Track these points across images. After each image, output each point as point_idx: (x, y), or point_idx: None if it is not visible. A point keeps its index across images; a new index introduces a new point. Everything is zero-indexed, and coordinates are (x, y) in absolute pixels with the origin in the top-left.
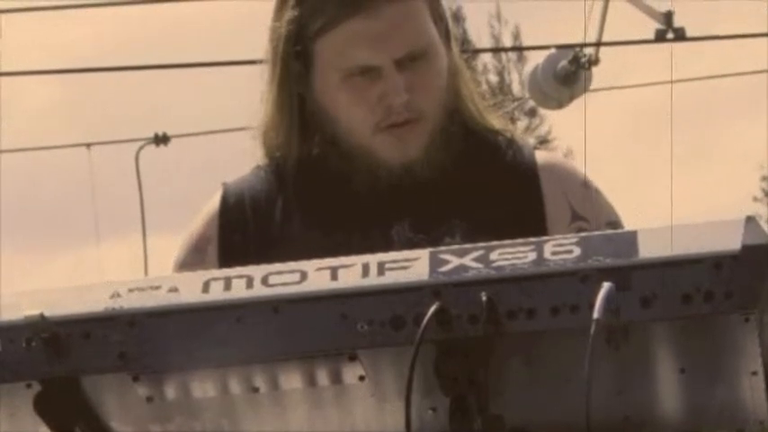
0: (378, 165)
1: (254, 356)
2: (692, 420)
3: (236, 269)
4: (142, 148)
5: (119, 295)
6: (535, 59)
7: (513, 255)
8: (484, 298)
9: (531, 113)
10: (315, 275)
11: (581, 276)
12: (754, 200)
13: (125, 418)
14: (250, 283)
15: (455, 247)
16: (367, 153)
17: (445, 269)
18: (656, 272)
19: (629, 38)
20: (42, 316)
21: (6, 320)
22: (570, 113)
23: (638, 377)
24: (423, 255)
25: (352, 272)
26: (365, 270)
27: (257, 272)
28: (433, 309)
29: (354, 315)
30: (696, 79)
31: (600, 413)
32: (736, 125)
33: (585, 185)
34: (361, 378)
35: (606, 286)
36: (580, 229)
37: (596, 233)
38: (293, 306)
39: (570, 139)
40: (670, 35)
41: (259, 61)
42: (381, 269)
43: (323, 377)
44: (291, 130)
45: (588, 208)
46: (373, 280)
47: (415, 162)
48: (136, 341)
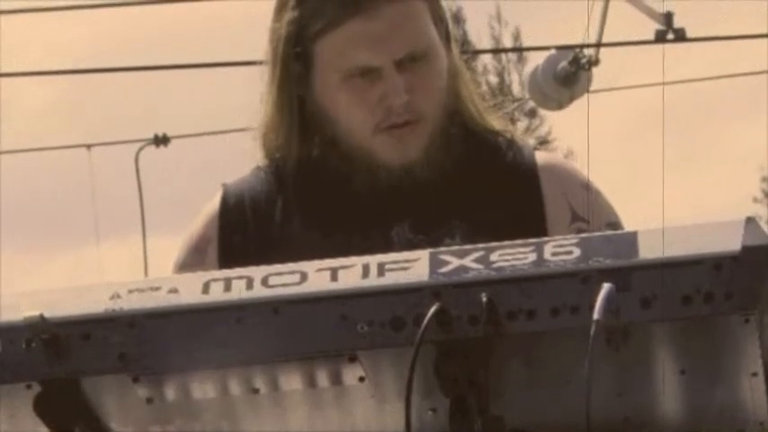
0: (378, 166)
1: (254, 357)
2: (692, 421)
3: (236, 270)
4: (142, 148)
5: (119, 296)
6: (535, 60)
7: (513, 256)
8: (484, 299)
9: (531, 114)
10: (315, 276)
11: (581, 277)
12: (754, 201)
13: (125, 419)
14: (250, 284)
15: (455, 248)
16: (367, 154)
17: (445, 270)
18: (657, 273)
19: (629, 39)
20: (42, 317)
21: (6, 321)
22: (570, 114)
23: (638, 378)
24: (423, 256)
25: (352, 273)
26: (365, 271)
27: (257, 273)
28: (433, 310)
29: (354, 316)
30: (696, 80)
31: (600, 414)
32: (737, 126)
33: (585, 186)
34: (361, 379)
35: (606, 287)
36: (580, 230)
37: (596, 234)
38: (293, 307)
39: (570, 139)
40: (670, 36)
41: (259, 62)
42: (381, 270)
43: (323, 378)
44: (291, 131)
45: (588, 209)
46: (373, 281)
47: (414, 163)
48: (136, 342)
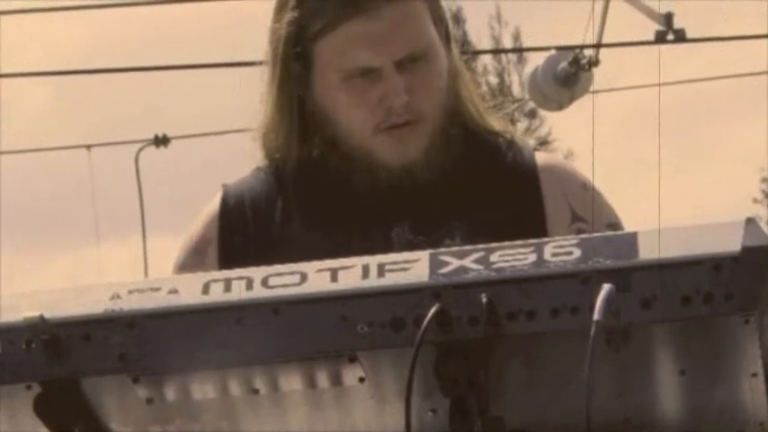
0: (378, 166)
1: (254, 358)
2: (692, 422)
3: (236, 271)
4: (142, 149)
5: (119, 297)
6: (535, 61)
7: (513, 256)
8: (484, 299)
9: (531, 115)
10: (315, 277)
11: (581, 278)
12: (754, 201)
13: (125, 419)
14: (250, 285)
15: (455, 248)
16: (367, 154)
17: (445, 271)
18: (656, 273)
19: (629, 39)
20: (42, 317)
21: (6, 322)
22: (570, 115)
23: (638, 379)
24: (423, 256)
25: (352, 273)
26: (365, 271)
27: (257, 273)
28: (433, 310)
29: (354, 316)
30: (696, 81)
31: (600, 415)
32: (737, 126)
33: (585, 187)
34: (361, 380)
35: (606, 288)
36: (580, 231)
37: (596, 235)
38: (293, 307)
39: (570, 140)
40: (670, 36)
41: (259, 63)
42: (381, 271)
43: (323, 379)
44: (291, 131)
45: (588, 209)
46: (373, 281)
47: (414, 163)
48: (136, 343)
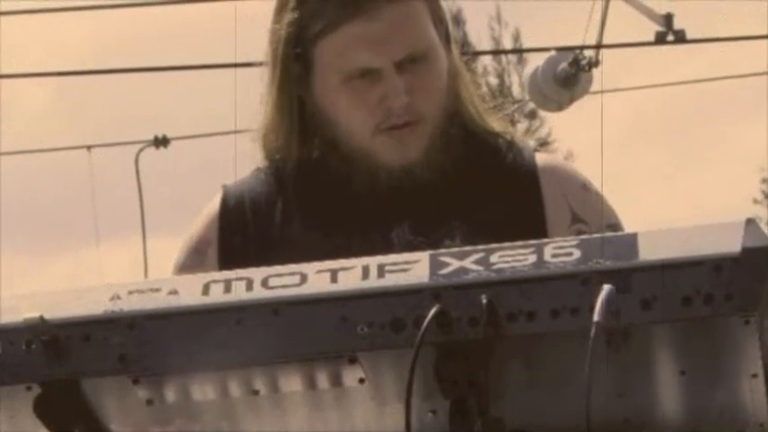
0: (377, 167)
1: (254, 359)
2: (692, 422)
3: (236, 271)
4: (142, 150)
5: (118, 297)
6: (535, 62)
7: (513, 257)
8: (484, 300)
9: (531, 116)
10: (315, 278)
11: (581, 279)
12: (755, 202)
13: (125, 420)
14: (250, 286)
15: (455, 249)
16: (367, 155)
17: (445, 272)
18: (657, 274)
19: (629, 40)
20: (42, 318)
21: (6, 323)
22: (570, 116)
23: (638, 379)
24: (423, 257)
25: (352, 274)
26: (365, 272)
27: (257, 274)
28: (433, 311)
29: (354, 317)
30: (696, 81)
31: (600, 415)
32: (737, 127)
33: (585, 188)
34: (361, 381)
35: (606, 289)
36: (580, 232)
37: (596, 235)
38: (293, 308)
39: (570, 141)
40: (670, 37)
41: (259, 64)
42: (381, 271)
43: (323, 380)
44: (291, 132)
45: (588, 210)
46: (373, 282)
47: (414, 164)
48: (136, 343)
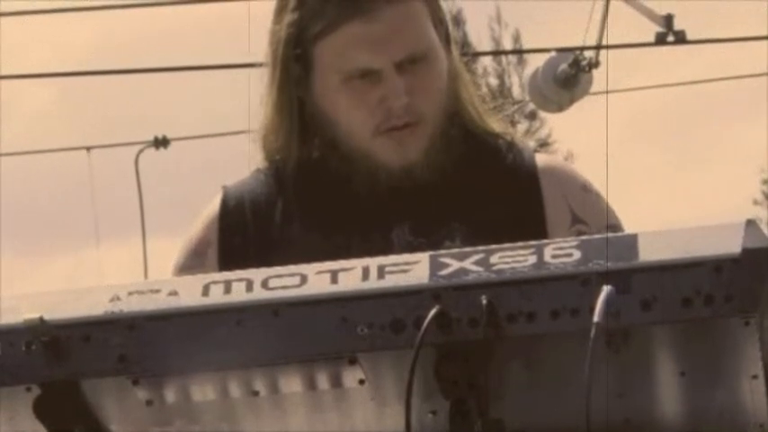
0: (377, 168)
1: (254, 360)
2: (693, 423)
3: (236, 272)
4: (142, 151)
5: (118, 298)
6: (535, 62)
7: (513, 258)
8: (484, 301)
9: (532, 116)
10: (315, 279)
11: (581, 280)
12: (755, 203)
13: (125, 421)
14: (250, 287)
15: (455, 250)
16: (367, 156)
17: (445, 272)
18: (657, 275)
19: (629, 41)
20: (42, 319)
21: (6, 324)
22: (570, 117)
23: (638, 380)
24: (423, 258)
25: (352, 275)
26: (365, 273)
27: (257, 275)
28: (433, 312)
29: (354, 318)
30: (696, 82)
31: (600, 416)
32: (737, 128)
33: (586, 189)
34: (361, 381)
35: (606, 289)
36: (580, 233)
37: (596, 236)
38: (293, 309)
39: (570, 142)
40: (670, 38)
41: (259, 64)
42: (381, 272)
43: (323, 380)
44: (291, 133)
45: (588, 211)
46: (373, 283)
47: (414, 165)
48: (135, 344)
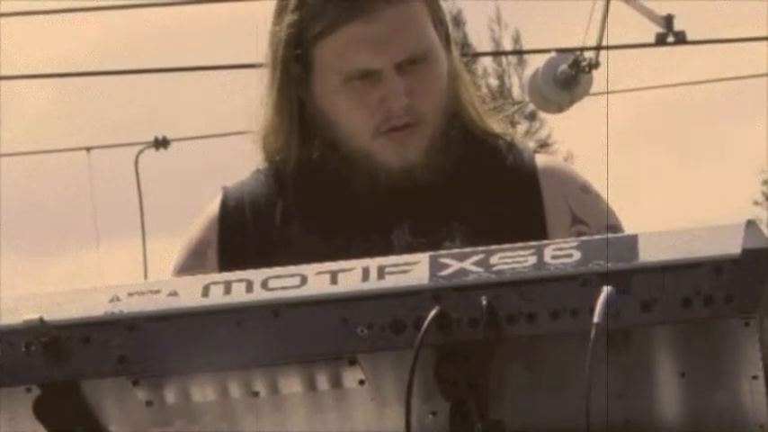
0: (377, 168)
1: (254, 360)
2: (693, 424)
3: (236, 273)
4: (142, 151)
5: (118, 299)
6: (535, 63)
7: (513, 259)
8: (484, 302)
9: (532, 117)
10: (315, 279)
11: (581, 280)
12: (755, 204)
13: (125, 422)
14: (250, 287)
15: (455, 250)
16: (367, 157)
17: (445, 273)
18: (657, 276)
19: (629, 41)
20: (42, 320)
21: (6, 325)
22: (570, 117)
23: (638, 381)
24: (423, 258)
25: (352, 276)
26: (365, 274)
27: (257, 276)
28: (433, 313)
29: (354, 319)
30: (696, 83)
31: (600, 417)
32: (737, 129)
33: (585, 189)
34: (361, 382)
35: (606, 290)
36: (580, 233)
37: (596, 237)
38: (293, 310)
39: (570, 142)
40: (671, 39)
41: (259, 65)
42: (381, 273)
43: (323, 381)
44: (291, 133)
45: (588, 212)
46: (373, 284)
47: (414, 166)
48: (135, 345)
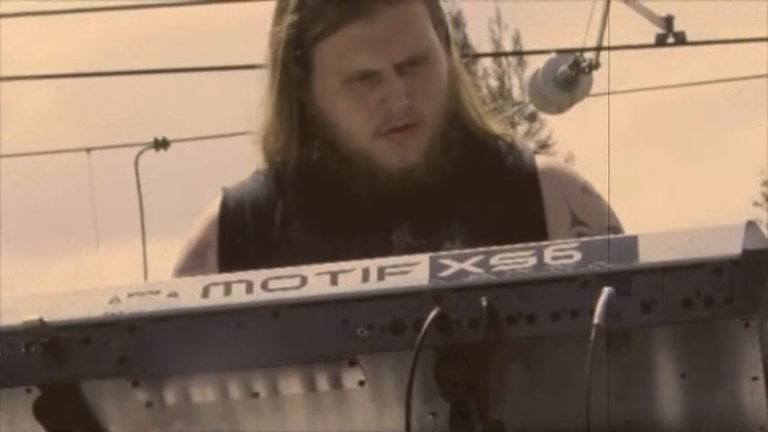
0: (377, 169)
1: (254, 361)
2: (693, 425)
3: (236, 274)
4: (142, 152)
5: (118, 300)
6: (535, 64)
7: (513, 260)
8: (484, 303)
9: (532, 118)
10: (315, 280)
11: (581, 281)
12: (755, 204)
13: (124, 423)
14: (250, 288)
15: (455, 251)
16: (367, 158)
17: (445, 274)
18: (657, 277)
19: (629, 42)
20: (42, 321)
21: (6, 325)
22: (571, 118)
23: (638, 382)
24: (423, 259)
25: (352, 277)
26: (365, 275)
27: (257, 277)
28: (433, 314)
29: (354, 320)
30: (697, 83)
31: (600, 418)
32: (737, 129)
33: (586, 190)
34: (361, 383)
35: (606, 291)
36: (580, 234)
37: (597, 238)
38: (293, 311)
39: (571, 143)
40: (671, 40)
41: (259, 66)
42: (381, 274)
43: (323, 382)
44: (291, 134)
45: (589, 213)
46: (373, 285)
47: (414, 167)
48: (135, 346)
